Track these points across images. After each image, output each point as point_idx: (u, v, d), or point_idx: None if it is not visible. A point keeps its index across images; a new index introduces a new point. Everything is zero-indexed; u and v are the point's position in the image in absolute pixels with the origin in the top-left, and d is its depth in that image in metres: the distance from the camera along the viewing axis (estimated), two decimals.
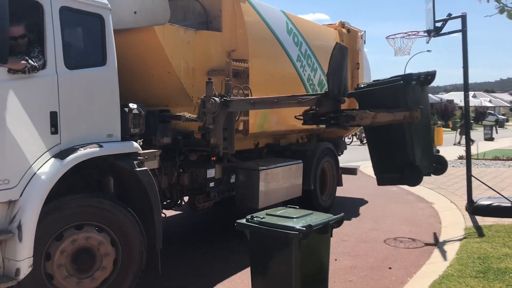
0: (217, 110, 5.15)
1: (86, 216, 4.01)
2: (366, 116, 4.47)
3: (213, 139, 5.33)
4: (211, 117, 5.17)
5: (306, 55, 7.62)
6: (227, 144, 5.44)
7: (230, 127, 5.48)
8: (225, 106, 5.21)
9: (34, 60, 3.70)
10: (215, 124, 5.25)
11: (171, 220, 7.79)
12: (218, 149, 5.34)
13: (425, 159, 4.94)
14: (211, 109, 5.12)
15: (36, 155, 3.74)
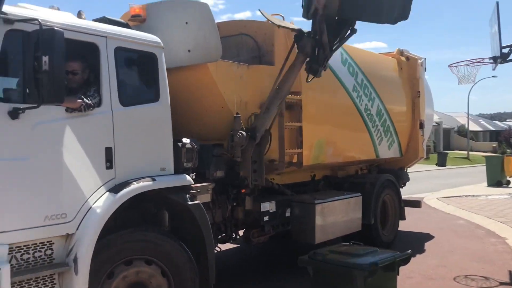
0: (245, 143, 5.33)
1: (134, 251, 4.05)
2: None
3: (242, 171, 5.52)
4: (239, 150, 5.35)
5: (363, 84, 7.48)
6: (257, 176, 5.59)
7: (259, 160, 5.60)
8: (253, 139, 5.39)
9: (90, 99, 3.87)
10: (243, 157, 5.44)
11: (226, 254, 7.74)
12: (247, 181, 5.50)
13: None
14: (239, 142, 5.31)
15: (92, 190, 3.86)
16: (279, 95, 5.60)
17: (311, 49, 5.51)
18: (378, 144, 7.87)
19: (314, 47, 5.50)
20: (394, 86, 8.48)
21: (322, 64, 5.58)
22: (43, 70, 3.25)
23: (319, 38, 5.40)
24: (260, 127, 5.51)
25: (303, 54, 5.59)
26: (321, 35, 5.35)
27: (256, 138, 5.41)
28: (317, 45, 5.47)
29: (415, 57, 9.02)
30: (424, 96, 8.99)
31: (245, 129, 5.39)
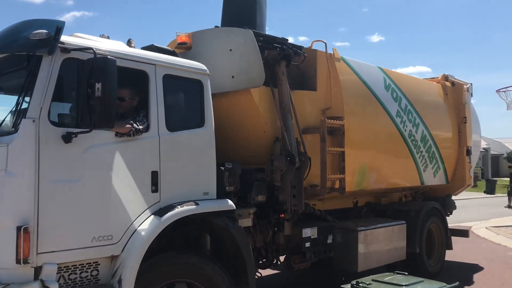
0: (284, 168, 5.34)
1: (176, 274, 4.11)
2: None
3: (281, 196, 5.52)
4: (279, 175, 5.38)
5: (407, 110, 7.36)
6: (296, 201, 5.54)
7: (299, 184, 5.57)
8: (292, 164, 5.39)
9: (139, 124, 4.00)
10: (283, 181, 5.45)
11: (267, 279, 7.66)
12: (286, 206, 5.47)
13: None
14: (279, 167, 5.35)
15: (137, 213, 3.96)
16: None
17: None
18: (423, 171, 7.67)
19: None
20: (439, 112, 8.29)
21: None
22: (96, 97, 3.40)
23: None
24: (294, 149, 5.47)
25: None
26: None
27: (295, 163, 5.41)
28: None
29: (460, 83, 8.82)
30: (470, 122, 8.73)
31: (285, 153, 5.40)
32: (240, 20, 5.81)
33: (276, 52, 5.46)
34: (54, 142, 3.53)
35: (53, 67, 3.57)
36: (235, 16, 6.02)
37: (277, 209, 5.58)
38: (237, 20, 5.85)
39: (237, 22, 5.69)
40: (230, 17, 6.10)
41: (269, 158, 5.41)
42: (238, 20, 5.83)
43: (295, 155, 5.42)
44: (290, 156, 5.41)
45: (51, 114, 3.57)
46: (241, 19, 5.86)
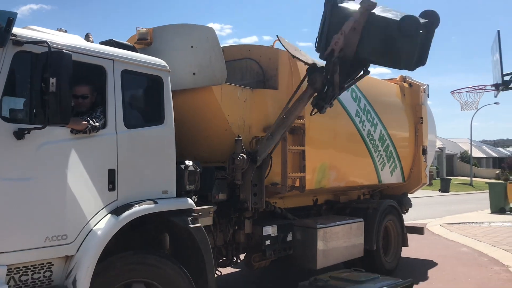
0: (245, 166, 5.37)
1: (133, 274, 4.02)
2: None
3: (242, 194, 5.53)
4: (240, 173, 5.39)
5: (366, 110, 7.51)
6: (257, 199, 5.58)
7: (260, 183, 5.61)
8: (253, 162, 5.43)
9: (95, 120, 3.89)
10: (244, 180, 5.47)
11: (227, 278, 7.65)
12: (247, 205, 5.49)
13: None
14: (240, 165, 5.35)
15: (94, 212, 3.85)
16: (284, 124, 5.63)
17: (321, 85, 5.54)
18: (380, 170, 7.85)
19: (324, 84, 5.53)
20: (397, 112, 8.51)
21: (328, 101, 5.61)
22: (50, 92, 3.29)
23: (330, 78, 5.44)
24: (262, 151, 5.54)
25: (312, 89, 5.63)
26: (333, 74, 5.39)
27: (257, 161, 5.44)
28: (328, 83, 5.51)
29: (418, 84, 9.08)
30: (427, 122, 9.00)
31: (246, 152, 5.42)
32: None
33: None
34: (5, 138, 3.38)
35: (4, 60, 3.42)
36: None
37: (238, 207, 5.57)
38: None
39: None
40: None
41: (230, 156, 5.39)
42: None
43: (258, 154, 5.44)
44: (251, 154, 5.41)
45: (2, 110, 3.42)
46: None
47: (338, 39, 5.13)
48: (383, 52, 5.24)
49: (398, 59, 5.23)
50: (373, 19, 5.07)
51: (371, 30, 5.07)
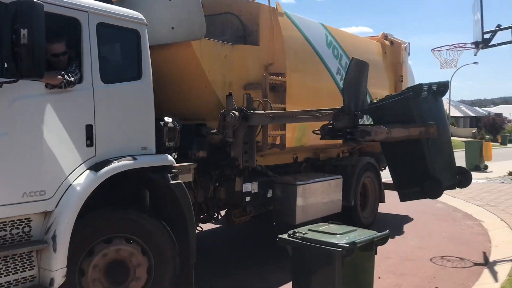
0: (237, 123, 5.28)
1: (114, 229, 4.04)
2: (381, 132, 4.39)
3: (233, 152, 5.47)
4: (231, 130, 5.31)
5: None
6: (247, 157, 5.54)
7: (251, 141, 5.57)
8: (245, 120, 5.33)
9: (71, 75, 3.78)
10: (235, 138, 5.40)
11: (208, 234, 7.78)
12: (238, 162, 5.45)
13: (447, 171, 4.70)
14: (231, 122, 5.27)
15: (72, 167, 3.81)
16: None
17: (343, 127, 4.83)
18: None
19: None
20: (377, 70, 8.49)
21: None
22: (21, 44, 3.16)
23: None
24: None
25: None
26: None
27: (248, 119, 5.34)
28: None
29: (399, 42, 9.04)
30: (407, 81, 9.03)
31: (238, 109, 5.31)
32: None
33: None
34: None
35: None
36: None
37: (229, 165, 5.55)
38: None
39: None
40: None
41: (221, 113, 5.29)
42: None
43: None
44: (242, 111, 5.30)
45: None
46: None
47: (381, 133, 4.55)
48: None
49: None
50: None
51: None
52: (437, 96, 4.81)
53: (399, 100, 4.52)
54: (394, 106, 4.50)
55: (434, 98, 4.73)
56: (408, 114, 4.40)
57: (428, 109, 4.58)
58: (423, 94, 4.52)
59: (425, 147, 4.47)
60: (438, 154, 4.59)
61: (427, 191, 4.56)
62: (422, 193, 4.62)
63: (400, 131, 4.40)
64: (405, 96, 4.49)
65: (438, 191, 4.54)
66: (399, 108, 4.32)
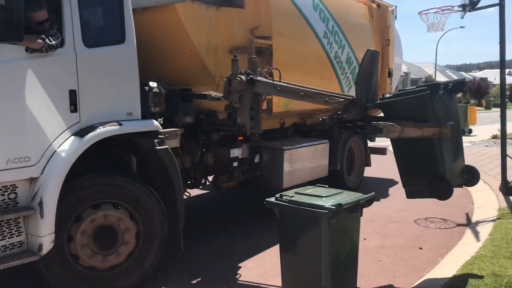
0: (243, 88, 5.02)
1: (101, 195, 4.05)
2: (393, 130, 4.26)
3: (240, 118, 5.23)
4: (238, 96, 5.05)
5: (333, 31, 7.41)
6: (254, 123, 5.32)
7: (257, 106, 5.34)
8: (252, 84, 5.06)
9: (52, 39, 3.69)
10: (242, 103, 5.13)
11: (196, 199, 7.83)
12: (245, 129, 5.25)
13: (456, 171, 4.62)
14: (237, 87, 5.00)
15: (56, 133, 3.77)
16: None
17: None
18: (346, 92, 7.89)
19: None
20: (364, 34, 8.43)
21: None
22: None
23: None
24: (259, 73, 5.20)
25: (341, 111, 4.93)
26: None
27: (255, 83, 5.10)
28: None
29: (386, 5, 8.94)
30: (393, 45, 8.98)
31: (245, 73, 5.08)
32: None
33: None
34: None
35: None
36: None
37: (236, 132, 5.41)
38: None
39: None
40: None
41: (227, 77, 5.09)
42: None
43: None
44: (249, 75, 5.05)
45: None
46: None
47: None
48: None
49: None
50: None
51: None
52: (452, 93, 4.68)
53: (414, 98, 4.35)
54: (408, 103, 4.35)
55: (449, 96, 4.60)
56: (423, 112, 4.25)
57: (443, 108, 4.44)
58: (439, 93, 4.40)
59: (436, 146, 4.36)
60: (449, 153, 4.50)
61: (437, 192, 4.46)
62: (431, 193, 4.52)
63: (414, 130, 4.27)
64: (421, 94, 4.33)
65: (447, 193, 4.44)
66: (413, 106, 4.17)
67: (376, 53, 4.62)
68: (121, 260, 4.19)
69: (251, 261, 5.13)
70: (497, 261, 4.61)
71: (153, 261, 4.36)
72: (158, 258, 4.40)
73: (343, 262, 3.75)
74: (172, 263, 4.95)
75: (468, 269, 4.49)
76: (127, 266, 4.23)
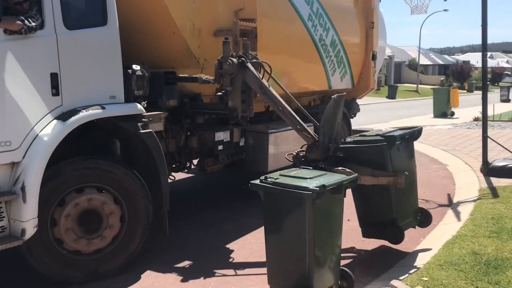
0: (235, 71, 4.93)
1: (84, 178, 4.02)
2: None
3: (231, 101, 5.12)
4: (229, 79, 4.96)
5: (318, 14, 7.38)
6: (245, 107, 5.22)
7: (248, 90, 5.23)
8: (243, 67, 4.96)
9: (32, 20, 3.61)
10: (233, 86, 5.03)
11: (182, 183, 7.83)
12: (236, 112, 5.16)
13: (409, 214, 4.91)
14: (229, 70, 4.89)
15: (38, 117, 3.72)
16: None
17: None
18: (331, 75, 7.92)
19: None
20: (348, 17, 8.42)
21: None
22: None
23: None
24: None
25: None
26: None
27: (246, 66, 4.97)
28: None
29: None
30: (377, 28, 8.99)
31: (236, 55, 4.96)
32: None
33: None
34: None
35: None
36: None
37: (227, 115, 5.31)
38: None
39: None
40: None
41: (218, 60, 4.96)
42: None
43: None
44: (241, 58, 4.93)
45: None
46: None
47: None
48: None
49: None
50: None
51: None
52: (410, 141, 4.90)
53: (372, 147, 4.60)
54: (367, 151, 4.58)
55: (406, 145, 4.82)
56: (381, 159, 4.46)
57: (399, 156, 4.68)
58: (396, 143, 4.61)
59: (392, 193, 4.61)
60: (403, 197, 4.76)
61: (389, 236, 4.72)
62: (384, 236, 4.78)
63: (370, 179, 4.49)
64: (379, 145, 4.57)
65: (399, 237, 4.70)
66: (372, 153, 4.39)
67: (340, 98, 4.78)
68: (106, 243, 4.19)
69: (237, 243, 5.17)
70: (477, 240, 4.71)
71: (138, 244, 4.36)
72: (143, 241, 4.41)
73: (327, 243, 3.80)
74: (158, 246, 4.96)
75: (449, 248, 4.58)
76: (112, 250, 4.22)
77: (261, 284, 4.14)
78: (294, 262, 3.67)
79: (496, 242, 4.63)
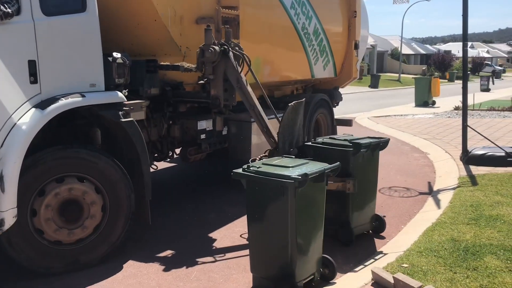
0: (217, 59, 4.90)
1: (65, 168, 3.97)
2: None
3: (213, 90, 5.09)
4: (211, 67, 4.93)
5: (301, 2, 7.35)
6: (228, 95, 5.20)
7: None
8: (225, 55, 4.93)
9: (7, 6, 3.53)
10: (215, 75, 5.01)
11: (164, 172, 7.79)
12: (219, 101, 5.13)
13: (365, 219, 5.01)
14: (211, 58, 4.86)
15: (16, 105, 3.65)
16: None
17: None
18: (314, 64, 7.93)
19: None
20: (331, 5, 8.41)
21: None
22: None
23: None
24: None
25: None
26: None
27: (228, 54, 4.95)
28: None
29: None
30: (360, 17, 9.00)
31: (219, 43, 4.94)
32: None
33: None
34: None
35: None
36: None
37: (210, 104, 5.27)
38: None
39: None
40: None
41: (200, 48, 4.94)
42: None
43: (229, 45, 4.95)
44: (223, 46, 4.89)
45: None
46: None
47: None
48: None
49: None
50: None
51: None
52: (376, 150, 5.00)
53: (338, 150, 4.73)
54: (334, 153, 4.68)
55: (371, 153, 4.93)
56: (344, 164, 4.50)
57: (362, 163, 4.80)
58: (361, 150, 4.73)
59: (349, 197, 4.73)
60: (360, 203, 4.88)
61: (341, 236, 4.84)
62: (337, 236, 4.86)
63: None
64: (345, 149, 4.71)
65: (350, 238, 4.80)
66: (337, 156, 4.46)
67: (299, 105, 4.86)
68: (87, 233, 4.16)
69: (220, 232, 5.17)
70: (456, 227, 4.80)
71: (120, 234, 4.34)
72: (125, 231, 4.38)
73: (309, 231, 3.83)
74: (140, 236, 4.94)
75: (429, 235, 4.66)
76: (93, 240, 4.19)
77: (244, 272, 4.17)
78: (276, 250, 3.69)
79: (475, 229, 4.72)
